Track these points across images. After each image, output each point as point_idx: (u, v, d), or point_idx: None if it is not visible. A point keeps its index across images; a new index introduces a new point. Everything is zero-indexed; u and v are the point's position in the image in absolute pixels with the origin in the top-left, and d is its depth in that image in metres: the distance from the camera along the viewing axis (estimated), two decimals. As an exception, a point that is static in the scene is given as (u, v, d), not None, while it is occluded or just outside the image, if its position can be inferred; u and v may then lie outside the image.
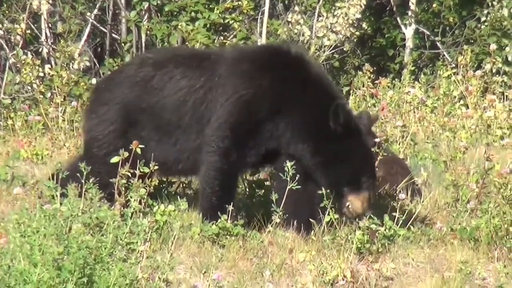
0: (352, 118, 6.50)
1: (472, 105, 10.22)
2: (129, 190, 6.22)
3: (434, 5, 14.96)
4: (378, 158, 6.80)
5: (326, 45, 13.19)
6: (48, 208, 5.65)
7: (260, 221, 6.72)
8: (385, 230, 6.48)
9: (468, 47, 11.55)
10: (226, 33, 12.35)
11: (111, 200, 6.35)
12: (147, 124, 6.67)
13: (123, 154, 6.29)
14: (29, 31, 11.96)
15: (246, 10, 12.45)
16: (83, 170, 6.08)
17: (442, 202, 7.29)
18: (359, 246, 6.40)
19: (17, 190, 7.16)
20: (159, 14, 12.48)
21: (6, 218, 6.17)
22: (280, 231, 6.64)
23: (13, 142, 9.01)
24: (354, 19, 13.30)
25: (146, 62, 6.88)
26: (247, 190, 7.20)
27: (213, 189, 6.50)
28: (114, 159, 6.38)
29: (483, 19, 13.70)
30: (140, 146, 6.40)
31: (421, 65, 14.91)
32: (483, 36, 13.37)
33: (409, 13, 14.60)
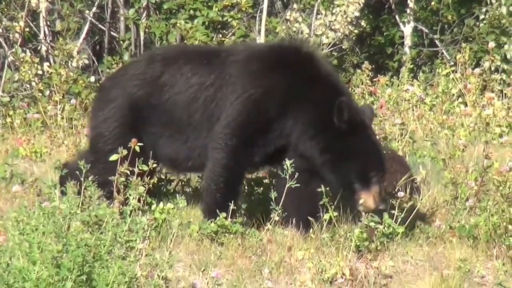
0: (357, 114, 6.48)
1: (470, 103, 10.21)
2: (128, 188, 6.22)
3: (432, 3, 14.94)
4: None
5: (325, 43, 13.18)
6: (47, 206, 5.64)
7: (259, 219, 6.72)
8: (384, 228, 6.48)
9: (467, 45, 11.54)
10: (224, 31, 12.32)
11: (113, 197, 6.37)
12: (157, 121, 6.66)
13: (122, 152, 6.30)
14: (27, 29, 11.93)
15: (244, 8, 12.42)
16: (82, 168, 6.08)
17: (441, 200, 7.29)
18: (358, 244, 6.39)
19: (16, 188, 7.16)
20: (157, 12, 12.45)
21: (5, 216, 6.16)
22: (279, 229, 6.64)
23: (12, 140, 9.01)
24: (352, 17, 13.30)
25: (155, 58, 6.86)
26: (246, 188, 7.19)
27: (218, 185, 6.49)
28: (113, 157, 6.38)
29: (481, 17, 13.69)
30: (146, 143, 6.43)
31: (419, 63, 14.88)
32: (481, 34, 13.36)
33: (408, 11, 14.59)
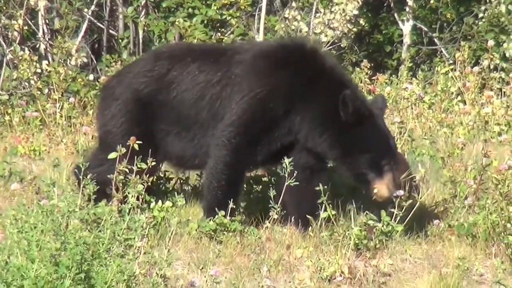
0: (364, 104, 6.48)
1: (469, 102, 10.20)
2: (127, 186, 6.22)
3: (431, 1, 14.90)
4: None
5: (324, 42, 13.14)
6: (46, 204, 5.64)
7: (258, 217, 6.72)
8: (383, 226, 6.48)
9: (466, 43, 11.50)
10: (223, 29, 12.31)
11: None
12: (164, 118, 6.66)
13: (121, 150, 6.29)
14: (26, 27, 11.91)
15: (243, 6, 12.41)
16: (81, 167, 6.08)
17: (439, 198, 7.28)
18: (357, 242, 6.40)
19: (14, 186, 7.17)
20: (156, 10, 12.45)
21: (3, 214, 6.17)
22: (277, 227, 6.64)
23: (11, 138, 9.01)
24: (351, 15, 13.26)
25: (161, 56, 6.86)
26: (245, 186, 7.19)
27: (219, 183, 6.49)
28: (112, 155, 6.38)
29: (480, 15, 13.66)
30: (157, 139, 6.51)
31: (418, 61, 14.86)
32: (480, 32, 13.32)
33: (407, 9, 14.56)
